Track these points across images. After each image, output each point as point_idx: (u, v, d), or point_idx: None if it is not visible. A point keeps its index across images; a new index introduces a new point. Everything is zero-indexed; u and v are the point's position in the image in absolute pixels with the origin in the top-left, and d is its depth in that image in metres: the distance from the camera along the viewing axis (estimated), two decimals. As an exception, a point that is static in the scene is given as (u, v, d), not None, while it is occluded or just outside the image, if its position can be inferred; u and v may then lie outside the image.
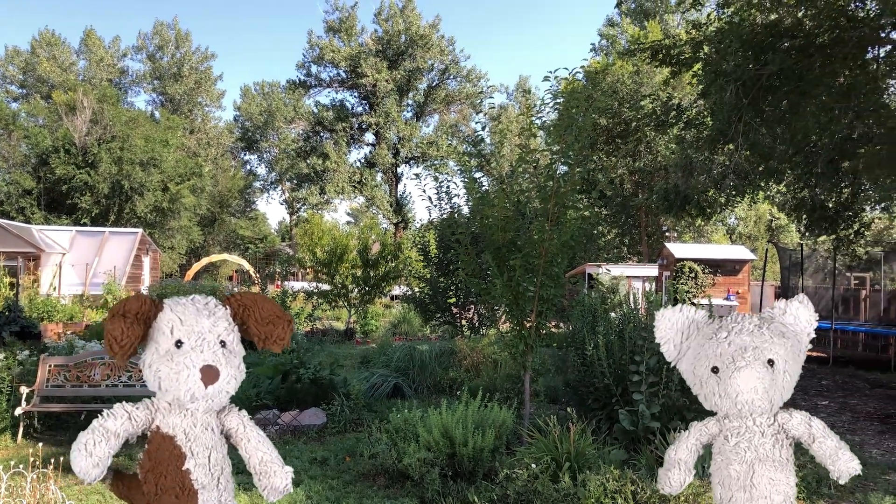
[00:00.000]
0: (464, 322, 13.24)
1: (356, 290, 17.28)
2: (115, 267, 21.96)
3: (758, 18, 10.91)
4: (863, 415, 9.24)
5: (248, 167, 53.61)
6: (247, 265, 31.36)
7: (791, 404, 9.12)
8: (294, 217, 52.91)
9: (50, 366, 7.19)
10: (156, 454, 2.74)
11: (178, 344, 2.70)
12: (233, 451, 2.93)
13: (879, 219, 19.93)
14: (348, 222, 51.73)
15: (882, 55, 11.01)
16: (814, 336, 3.06)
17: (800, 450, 3.13)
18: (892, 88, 11.70)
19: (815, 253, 21.08)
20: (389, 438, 5.92)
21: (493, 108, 46.45)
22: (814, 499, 5.11)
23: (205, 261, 32.39)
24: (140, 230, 25.40)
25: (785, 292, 20.70)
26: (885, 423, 8.72)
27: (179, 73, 47.42)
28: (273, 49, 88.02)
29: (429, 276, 13.40)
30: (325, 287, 17.41)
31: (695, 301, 17.21)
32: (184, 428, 2.74)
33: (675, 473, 3.11)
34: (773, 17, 10.86)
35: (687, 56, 11.86)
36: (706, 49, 11.63)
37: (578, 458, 5.08)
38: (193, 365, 2.66)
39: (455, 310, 13.25)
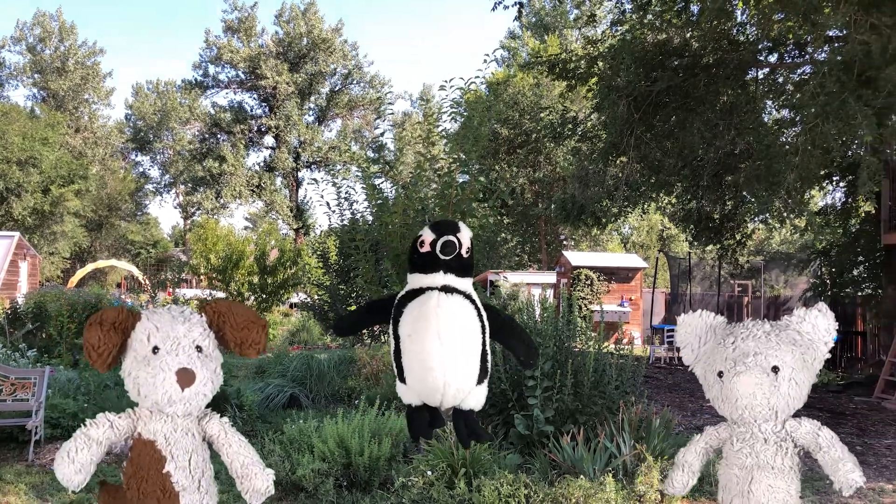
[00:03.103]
0: (364, 330, 13.09)
1: (252, 297, 16.78)
2: (-12, 273, 20.43)
3: (649, 37, 11.41)
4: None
5: (140, 169, 51.21)
6: (136, 271, 29.94)
7: (679, 407, 9.49)
8: (188, 222, 50.95)
9: None
10: (137, 460, 2.81)
11: (155, 350, 2.77)
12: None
13: (759, 230, 21.22)
14: (246, 227, 50.22)
15: (760, 77, 11.76)
16: (831, 345, 3.05)
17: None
18: (769, 108, 12.50)
19: (703, 261, 22.23)
20: (283, 450, 5.76)
21: (393, 114, 46.40)
22: (696, 496, 5.34)
23: (90, 267, 30.70)
24: (17, 234, 23.77)
25: (675, 299, 21.69)
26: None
27: (63, 67, 44.71)
28: (168, 47, 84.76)
29: (328, 283, 13.19)
30: (220, 294, 16.83)
31: (590, 307, 17.76)
32: (164, 433, 2.81)
33: (678, 474, 3.18)
34: (662, 36, 11.39)
35: (582, 71, 12.24)
36: (600, 65, 12.05)
37: (474, 463, 5.10)
38: (169, 368, 2.73)
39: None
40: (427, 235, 2.81)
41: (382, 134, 7.58)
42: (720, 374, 2.97)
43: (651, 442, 5.64)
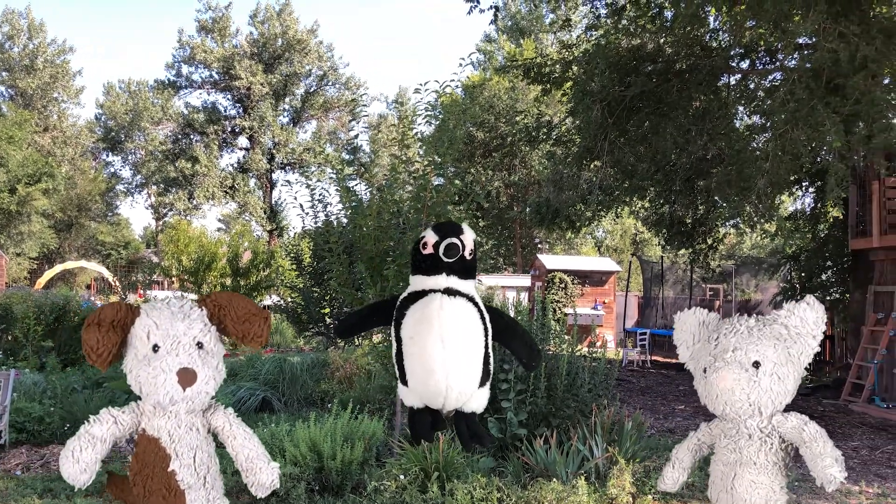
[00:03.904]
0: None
1: (225, 299, 16.61)
2: (-48, 273, 19.98)
3: (623, 42, 11.52)
4: (713, 418, 9.86)
5: (111, 169, 50.43)
6: (106, 273, 29.48)
7: (652, 410, 9.55)
8: (160, 223, 50.29)
9: None
10: (142, 456, 2.81)
11: (155, 348, 2.75)
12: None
13: (730, 234, 21.49)
14: (219, 229, 49.68)
15: (732, 83, 11.92)
16: (820, 338, 2.99)
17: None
18: (741, 114, 12.67)
19: (675, 265, 22.46)
20: (254, 454, 5.69)
21: (368, 115, 46.20)
22: (667, 497, 5.36)
23: (59, 268, 30.15)
24: (-17, 234, 23.30)
25: (647, 302, 21.89)
26: (732, 424, 9.34)
27: (32, 65, 43.85)
28: (140, 47, 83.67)
29: (301, 285, 13.09)
30: (192, 297, 16.62)
31: (564, 310, 17.84)
32: (168, 429, 2.80)
33: (668, 470, 3.21)
34: (636, 41, 11.50)
35: (557, 75, 12.31)
36: (575, 69, 12.13)
37: (447, 467, 5.08)
38: (170, 369, 2.71)
39: (329, 320, 13.00)
40: (430, 237, 2.79)
41: (357, 136, 7.59)
42: (704, 371, 2.99)
43: (623, 445, 5.67)
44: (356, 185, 7.23)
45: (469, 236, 2.80)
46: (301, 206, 8.91)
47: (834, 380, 12.94)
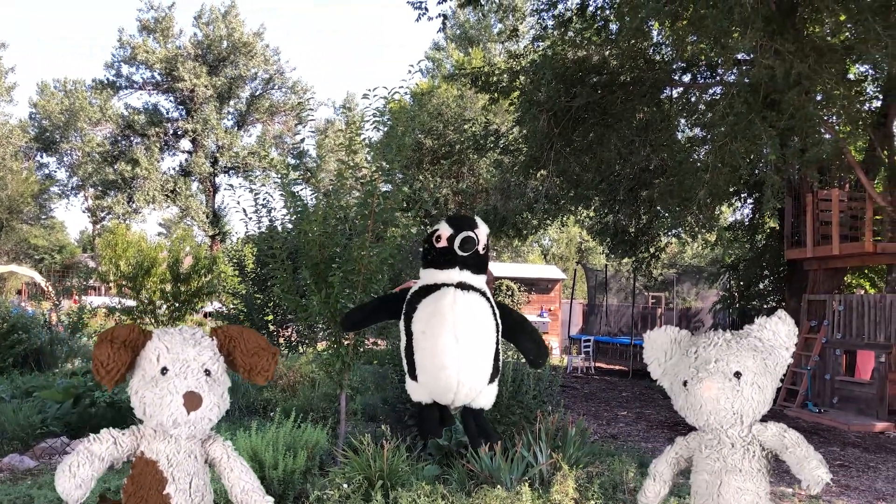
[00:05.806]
0: (281, 340, 12.80)
1: (165, 306, 16.16)
2: None
3: (569, 54, 11.70)
4: (655, 424, 10.06)
5: (46, 170, 48.64)
6: (39, 277, 28.36)
7: (595, 416, 9.66)
8: (98, 227, 48.74)
9: None
10: (138, 479, 2.81)
11: (164, 371, 2.80)
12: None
13: (672, 243, 21.98)
14: (160, 234, 48.43)
15: (674, 96, 12.23)
16: (793, 350, 3.11)
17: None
18: (682, 126, 13.00)
19: (619, 273, 22.88)
20: (193, 465, 5.53)
21: (313, 119, 45.74)
22: (611, 504, 5.42)
23: (-12, 272, 28.88)
24: None
25: (592, 310, 22.23)
26: (673, 430, 9.55)
27: (-38, 61, 42.21)
28: (77, 45, 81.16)
29: (244, 291, 12.85)
30: (130, 303, 16.12)
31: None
32: (167, 453, 2.82)
33: (649, 484, 3.22)
34: (582, 53, 11.69)
35: (504, 85, 12.42)
36: (522, 79, 12.26)
37: (392, 475, 5.03)
38: (177, 391, 2.76)
39: (273, 328, 12.79)
40: (444, 230, 2.75)
41: (303, 140, 7.44)
42: (685, 384, 3.04)
43: (567, 451, 5.71)
44: (301, 189, 7.12)
45: (483, 230, 2.78)
46: (244, 210, 8.73)
47: (769, 385, 13.32)
